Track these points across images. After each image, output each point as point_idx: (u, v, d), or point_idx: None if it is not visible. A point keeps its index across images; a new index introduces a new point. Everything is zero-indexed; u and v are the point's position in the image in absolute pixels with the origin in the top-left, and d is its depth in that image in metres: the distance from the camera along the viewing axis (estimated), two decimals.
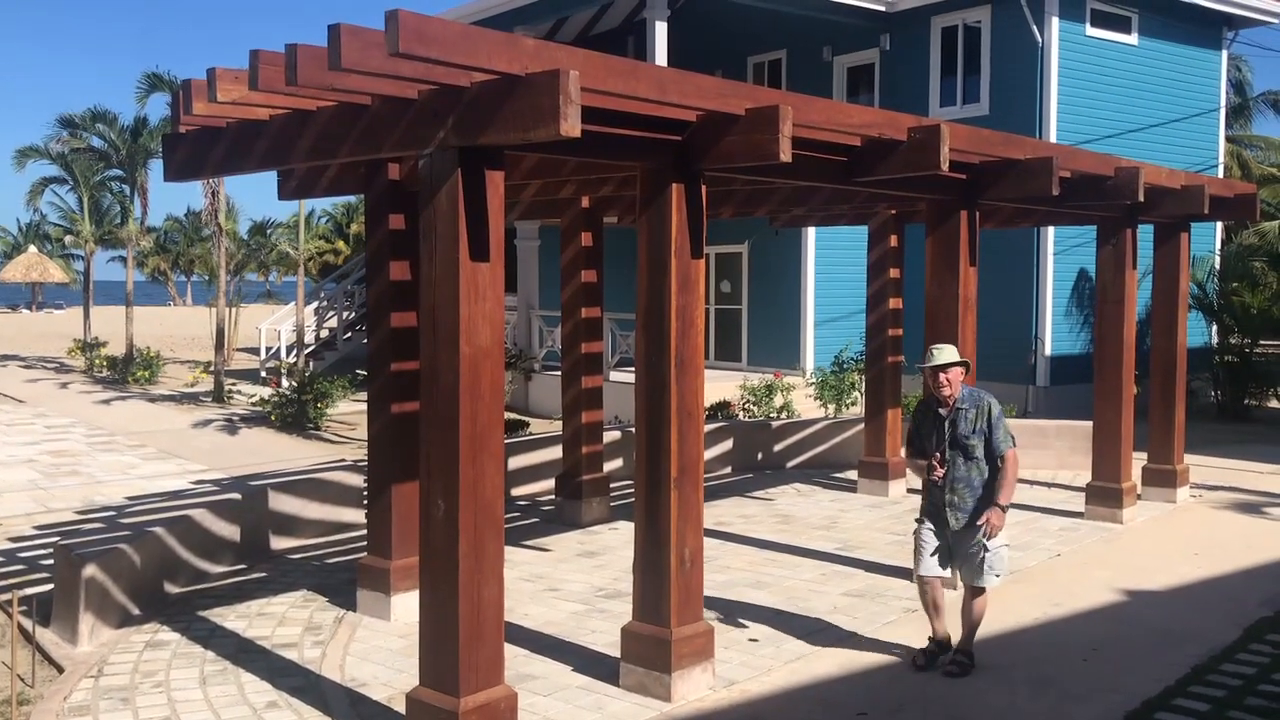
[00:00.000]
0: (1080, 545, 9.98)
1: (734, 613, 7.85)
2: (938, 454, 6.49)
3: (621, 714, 6.05)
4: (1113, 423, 11.03)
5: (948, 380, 6.48)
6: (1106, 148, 15.19)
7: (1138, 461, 11.57)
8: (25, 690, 6.42)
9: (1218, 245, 20.62)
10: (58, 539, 8.28)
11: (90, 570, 7.27)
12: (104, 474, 13.31)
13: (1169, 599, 8.34)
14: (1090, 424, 11.51)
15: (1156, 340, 12.00)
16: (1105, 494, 10.95)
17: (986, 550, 6.47)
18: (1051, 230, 17.45)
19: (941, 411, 6.55)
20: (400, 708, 5.75)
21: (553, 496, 11.36)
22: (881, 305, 12.44)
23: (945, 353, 6.55)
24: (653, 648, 6.28)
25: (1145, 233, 11.65)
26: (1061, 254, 17.87)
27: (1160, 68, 19.08)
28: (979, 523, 6.41)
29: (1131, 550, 9.84)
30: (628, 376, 16.73)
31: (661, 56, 17.49)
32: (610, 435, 12.17)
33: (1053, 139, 16.65)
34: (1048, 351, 17.87)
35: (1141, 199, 9.42)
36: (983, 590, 6.63)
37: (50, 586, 7.81)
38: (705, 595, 6.62)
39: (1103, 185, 9.46)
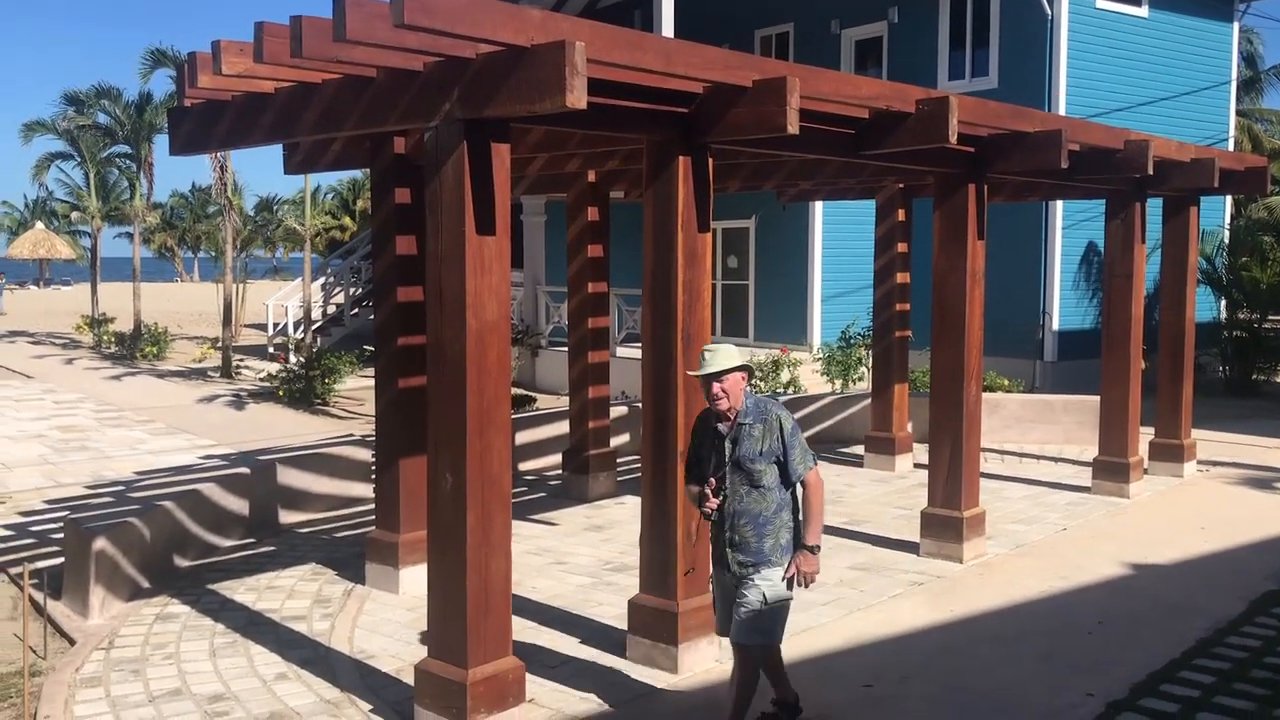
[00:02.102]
0: (1087, 519, 9.99)
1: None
2: (713, 480, 5.16)
3: (628, 685, 6.08)
4: (1120, 397, 11.01)
5: (724, 391, 5.13)
6: (1116, 121, 15.09)
7: (1145, 436, 11.58)
8: (37, 662, 6.47)
9: (1227, 219, 20.53)
10: (68, 513, 8.33)
11: (100, 544, 7.31)
12: (113, 449, 13.36)
13: (1175, 573, 8.35)
14: (1098, 399, 11.50)
15: (1165, 315, 11.97)
16: (1112, 468, 10.95)
17: (765, 603, 5.11)
18: (1060, 204, 17.38)
19: (721, 428, 5.21)
20: (409, 679, 5.78)
21: (559, 471, 11.39)
22: (889, 280, 12.41)
23: (720, 356, 5.15)
24: (659, 620, 6.31)
25: (1155, 207, 11.61)
26: (1070, 228, 17.80)
27: (1171, 40, 18.94)
28: (787, 574, 5.10)
29: (1138, 524, 9.85)
30: (634, 352, 16.73)
31: (668, 29, 17.37)
32: (617, 410, 12.18)
33: (1062, 112, 16.55)
34: (1055, 326, 17.83)
35: (1151, 172, 9.37)
36: (747, 649, 5.19)
37: (61, 560, 7.85)
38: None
39: (1112, 158, 9.41)
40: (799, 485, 5.18)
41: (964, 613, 7.40)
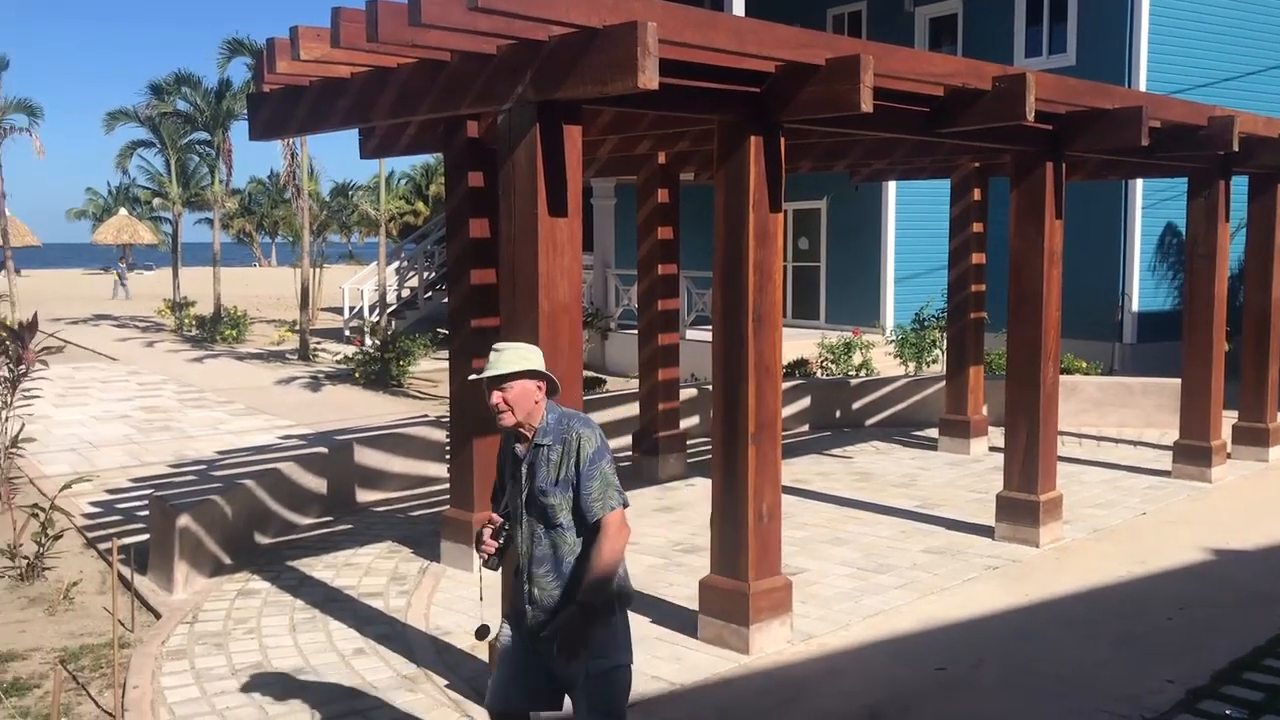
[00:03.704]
0: (1167, 504, 9.80)
1: (813, 568, 7.86)
2: (494, 516, 4.12)
3: (699, 665, 6.11)
4: (1202, 380, 10.77)
5: (507, 402, 3.96)
6: (1200, 97, 14.71)
7: (1228, 420, 11.32)
8: (125, 634, 6.67)
9: None
10: (153, 491, 8.55)
11: (184, 521, 7.51)
12: (195, 429, 13.68)
13: (1258, 559, 8.16)
14: (1178, 381, 11.26)
15: (1250, 295, 11.66)
16: (1193, 452, 10.72)
17: (589, 675, 3.92)
18: (1140, 182, 16.99)
19: (519, 450, 4.06)
20: (484, 655, 5.86)
21: (630, 453, 11.43)
22: (964, 261, 12.26)
23: (506, 356, 4.00)
24: (731, 601, 6.32)
25: (1240, 185, 11.30)
26: (1150, 207, 17.39)
27: (1257, 12, 18.36)
28: (546, 633, 3.96)
29: (1220, 509, 9.64)
30: (704, 334, 16.70)
31: (739, 8, 17.27)
32: (686, 393, 12.19)
33: (1143, 88, 16.17)
34: (1135, 307, 17.46)
35: (1236, 149, 9.14)
36: None
37: (146, 536, 8.07)
38: (783, 550, 6.63)
39: (1195, 135, 9.19)
40: (595, 525, 3.94)
41: (1040, 597, 7.30)
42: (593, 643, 3.86)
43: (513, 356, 4.00)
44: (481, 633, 4.14)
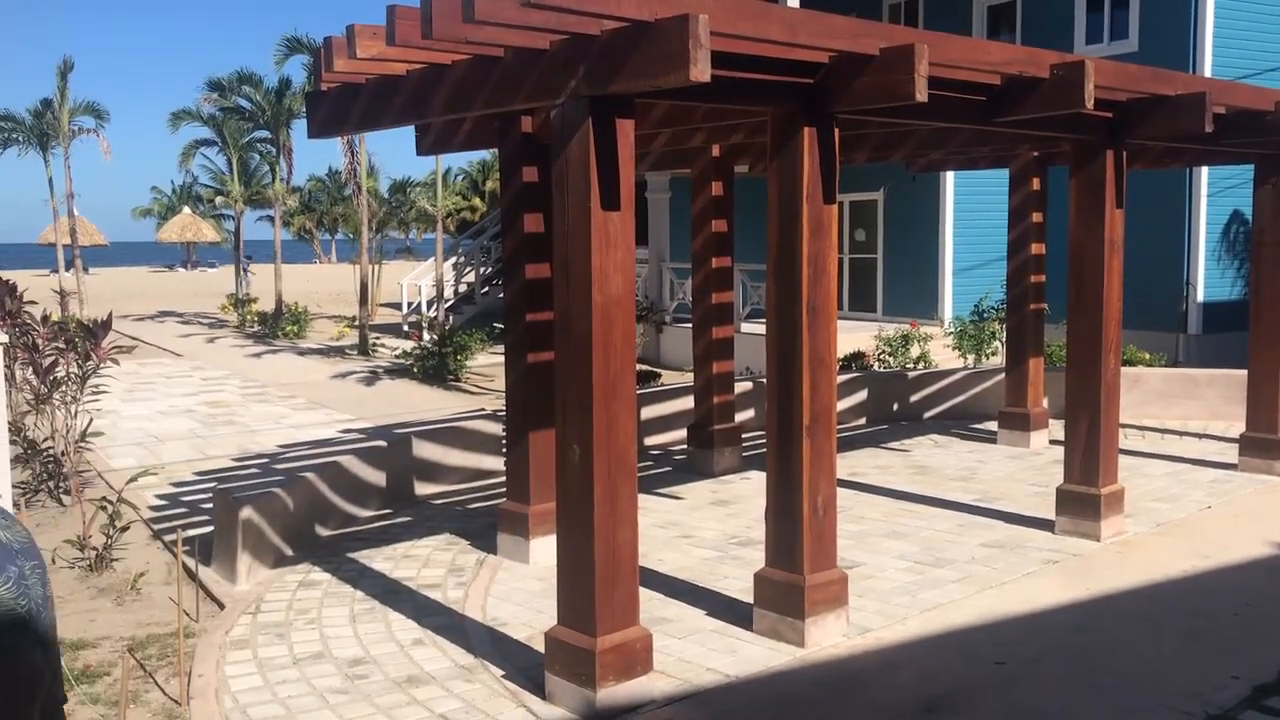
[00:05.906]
0: (1232, 497, 9.61)
1: (869, 561, 7.82)
2: None
3: (755, 658, 6.11)
4: (1269, 371, 10.55)
5: None
6: (1269, 82, 14.38)
7: None
8: (190, 624, 6.80)
9: None
10: (216, 483, 8.71)
11: (247, 513, 7.64)
12: (257, 423, 13.91)
13: None
14: (1245, 372, 11.03)
15: None
16: (1260, 445, 10.51)
17: None
18: (1205, 170, 16.66)
19: None
20: (540, 646, 5.91)
21: (685, 446, 11.44)
22: (1023, 251, 12.11)
23: None
24: (786, 593, 6.31)
25: None
26: (1216, 195, 17.05)
27: None
28: None
29: None
30: (759, 328, 16.64)
31: None
32: (741, 386, 12.17)
33: (1208, 74, 15.84)
34: (1200, 298, 17.13)
35: None
36: None
37: (210, 528, 8.23)
38: (838, 544, 6.60)
39: (1261, 121, 8.99)
40: None
41: (1100, 591, 7.21)
42: None
43: None
44: None
